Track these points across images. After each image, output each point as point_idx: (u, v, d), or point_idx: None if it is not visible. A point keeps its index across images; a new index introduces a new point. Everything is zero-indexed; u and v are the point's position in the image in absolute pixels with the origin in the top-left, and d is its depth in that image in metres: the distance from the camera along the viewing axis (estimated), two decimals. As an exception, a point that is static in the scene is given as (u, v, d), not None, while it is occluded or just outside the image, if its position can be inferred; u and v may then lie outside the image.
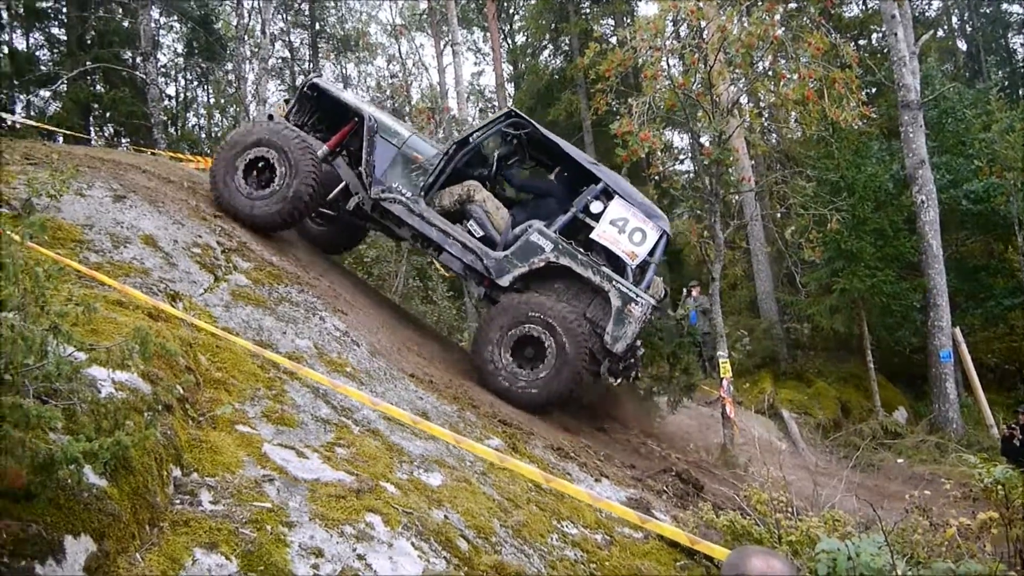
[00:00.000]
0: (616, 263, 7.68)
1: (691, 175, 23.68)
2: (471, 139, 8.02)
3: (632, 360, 7.96)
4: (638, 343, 7.91)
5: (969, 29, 30.69)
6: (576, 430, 7.62)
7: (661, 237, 7.67)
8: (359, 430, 4.54)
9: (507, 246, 7.76)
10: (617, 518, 4.78)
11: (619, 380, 8.15)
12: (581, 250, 7.55)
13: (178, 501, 3.16)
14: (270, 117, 8.40)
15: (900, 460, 12.33)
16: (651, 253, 7.68)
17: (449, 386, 6.62)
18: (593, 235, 7.63)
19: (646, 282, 7.62)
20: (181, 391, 3.83)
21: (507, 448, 5.67)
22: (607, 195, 7.77)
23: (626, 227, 7.53)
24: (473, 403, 6.43)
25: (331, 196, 8.35)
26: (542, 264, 7.51)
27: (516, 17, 31.24)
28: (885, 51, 21.03)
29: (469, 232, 7.89)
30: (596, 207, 7.77)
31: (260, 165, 7.50)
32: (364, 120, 7.88)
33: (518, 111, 8.15)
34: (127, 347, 3.00)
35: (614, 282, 7.38)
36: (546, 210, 8.09)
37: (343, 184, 8.25)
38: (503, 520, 4.24)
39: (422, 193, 7.78)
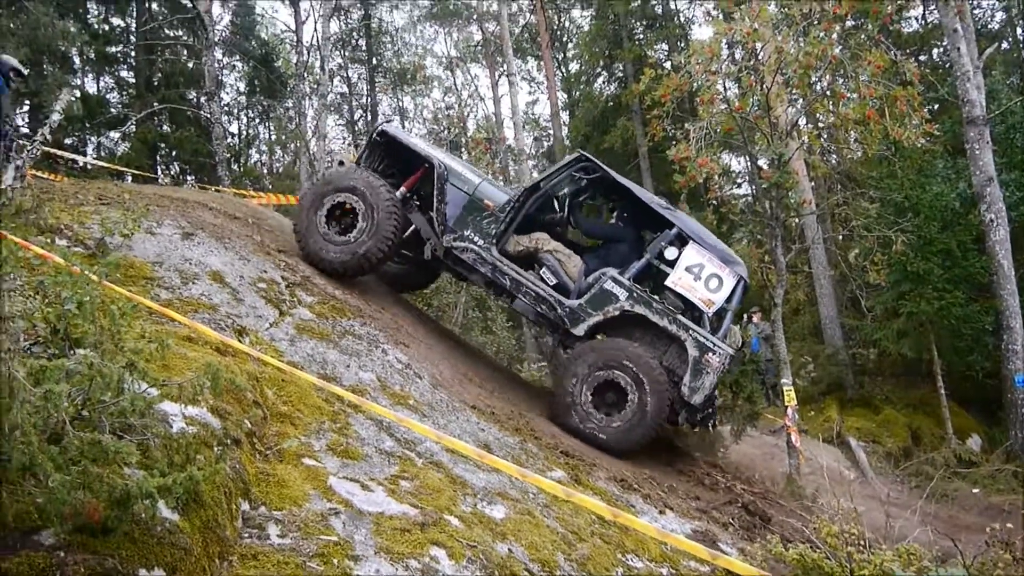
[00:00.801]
0: (691, 309, 7.51)
1: (750, 199, 23.42)
2: (541, 185, 7.91)
3: (710, 410, 7.75)
4: (716, 392, 7.69)
5: (1035, 42, 29.90)
6: (639, 461, 7.52)
7: (738, 283, 7.48)
8: (422, 462, 4.55)
9: (580, 294, 7.63)
10: (683, 551, 4.70)
11: (696, 429, 7.95)
12: (656, 298, 7.39)
13: (246, 535, 3.20)
14: (340, 163, 8.33)
15: (976, 490, 11.89)
16: (728, 300, 7.49)
17: (511, 417, 6.61)
18: (668, 282, 7.47)
19: (723, 330, 7.42)
20: (249, 425, 3.89)
21: (570, 480, 5.63)
22: (681, 240, 7.60)
23: (702, 273, 7.36)
24: (535, 434, 6.40)
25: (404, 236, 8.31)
26: (617, 313, 7.38)
27: (570, 45, 31.43)
28: (947, 66, 20.61)
29: (542, 279, 7.79)
30: (671, 253, 7.60)
31: (342, 211, 7.55)
32: (434, 167, 7.84)
33: (588, 155, 8.01)
34: (198, 382, 3.07)
35: (691, 331, 7.21)
36: (618, 256, 7.92)
37: (413, 228, 8.25)
38: (567, 553, 4.20)
39: (494, 241, 7.70)
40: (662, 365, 7.28)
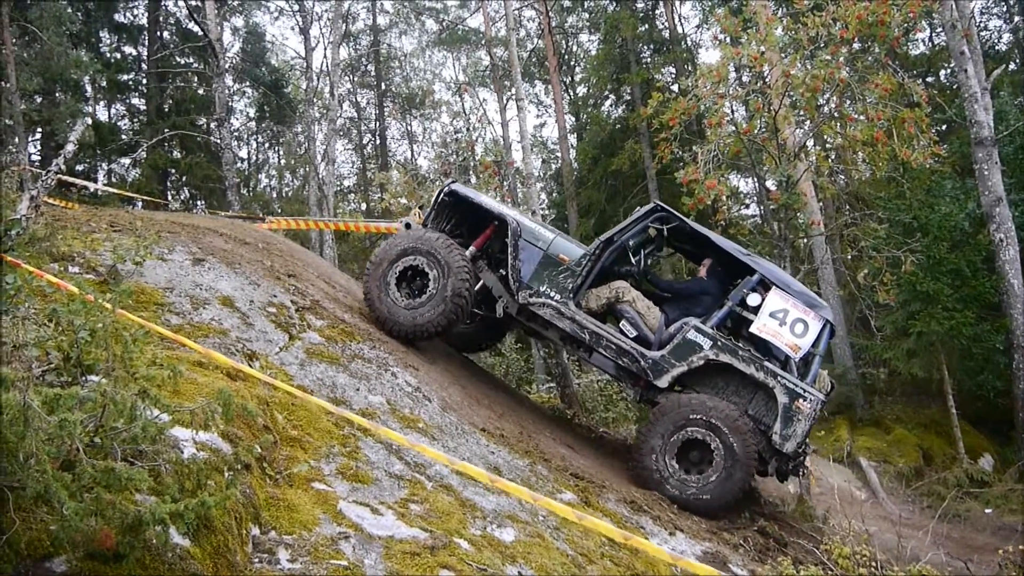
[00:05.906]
0: (774, 354, 7.38)
1: (759, 220, 23.43)
2: (615, 238, 7.76)
3: (802, 458, 7.49)
4: (808, 440, 7.47)
5: (1043, 62, 29.91)
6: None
7: (824, 327, 7.30)
8: (432, 486, 4.56)
9: (662, 345, 7.48)
10: (694, 573, 4.68)
11: (787, 479, 7.75)
12: (741, 345, 7.26)
13: (257, 560, 3.21)
14: (407, 226, 8.08)
15: (988, 510, 11.81)
16: (815, 344, 7.30)
17: (520, 439, 6.61)
18: (752, 329, 7.29)
19: (811, 375, 7.25)
20: (259, 450, 3.91)
21: (580, 502, 5.62)
22: (764, 287, 7.45)
23: (787, 319, 7.19)
24: (544, 456, 6.40)
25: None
26: (701, 363, 7.23)
27: (577, 69, 31.62)
28: (955, 88, 20.65)
29: (621, 332, 7.64)
30: (753, 300, 7.41)
31: (410, 274, 7.50)
32: (507, 224, 7.75)
33: (664, 205, 7.89)
34: (209, 408, 3.09)
35: (779, 378, 7.05)
36: (699, 305, 7.78)
37: (482, 285, 8.11)
38: (578, 577, 4.19)
39: (572, 295, 7.57)
40: (748, 414, 7.14)
